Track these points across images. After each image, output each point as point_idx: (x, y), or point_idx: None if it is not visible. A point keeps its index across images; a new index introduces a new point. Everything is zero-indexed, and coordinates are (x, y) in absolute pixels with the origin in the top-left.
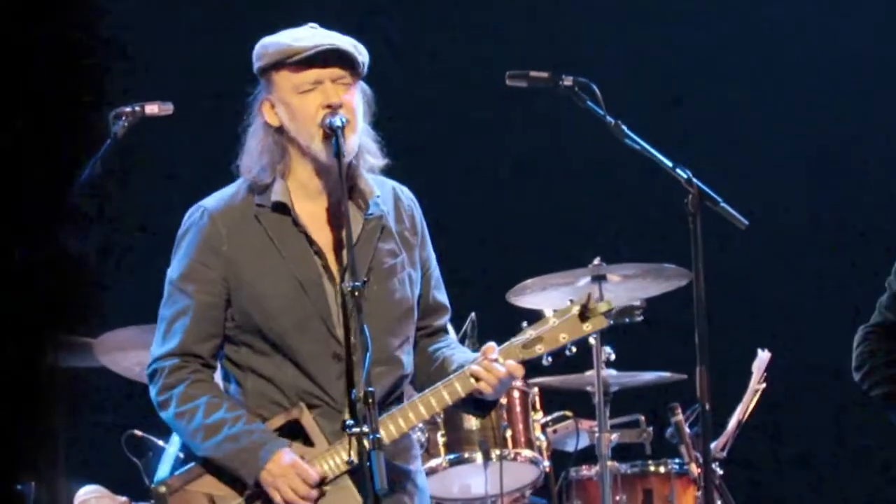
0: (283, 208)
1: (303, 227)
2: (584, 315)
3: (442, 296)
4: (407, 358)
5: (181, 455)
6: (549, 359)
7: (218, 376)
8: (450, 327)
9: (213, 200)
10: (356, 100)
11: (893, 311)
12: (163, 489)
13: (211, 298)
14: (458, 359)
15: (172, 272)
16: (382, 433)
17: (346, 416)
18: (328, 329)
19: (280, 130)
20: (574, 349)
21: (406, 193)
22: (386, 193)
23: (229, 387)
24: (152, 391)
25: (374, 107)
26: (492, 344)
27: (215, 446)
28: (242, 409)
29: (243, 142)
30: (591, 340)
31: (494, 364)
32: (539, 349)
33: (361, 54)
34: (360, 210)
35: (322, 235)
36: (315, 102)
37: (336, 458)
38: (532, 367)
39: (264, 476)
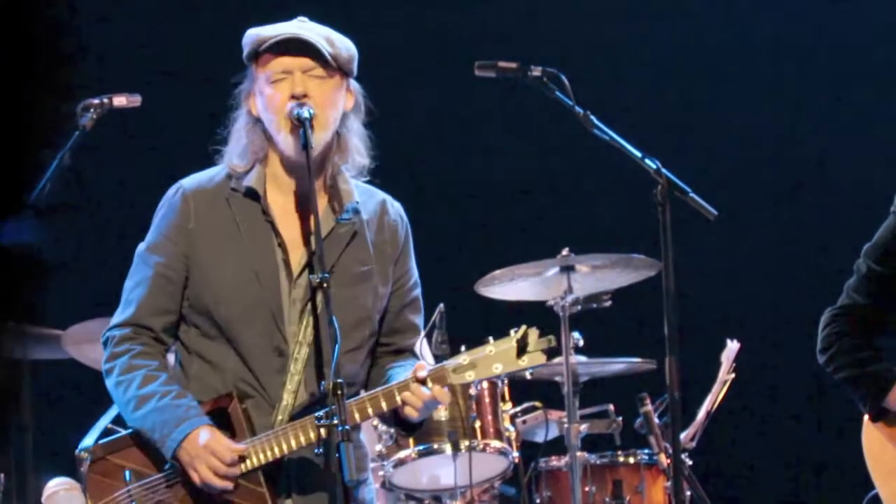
0: (253, 195)
1: (270, 216)
2: (522, 349)
3: (414, 317)
4: (352, 367)
5: (110, 427)
6: (480, 386)
7: (171, 359)
8: (423, 346)
9: (190, 180)
10: (327, 93)
11: (861, 293)
12: (84, 455)
13: (170, 273)
14: (397, 376)
15: (141, 244)
16: (303, 438)
17: (279, 414)
18: (275, 322)
19: (259, 120)
20: (530, 375)
21: (395, 208)
22: (372, 203)
23: (178, 370)
24: (103, 359)
25: (365, 106)
26: (422, 363)
27: (142, 417)
28: (178, 386)
29: (230, 131)
30: (561, 330)
31: (421, 387)
32: (469, 376)
33: (334, 47)
34: (335, 213)
35: (289, 230)
36: (283, 93)
37: (256, 455)
38: None
39: (181, 453)
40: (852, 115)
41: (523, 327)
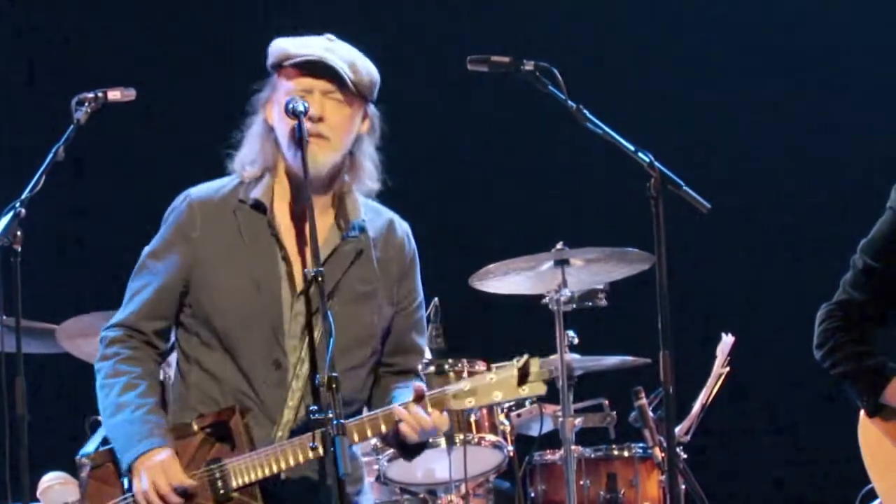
0: (260, 207)
1: (276, 229)
2: (523, 378)
3: (419, 338)
4: (353, 384)
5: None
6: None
7: (174, 365)
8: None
9: (199, 189)
10: (344, 117)
11: (857, 289)
12: (85, 461)
13: (170, 281)
14: (400, 398)
15: (147, 248)
16: (301, 456)
17: (280, 430)
18: (274, 334)
19: (273, 129)
20: (530, 403)
21: (403, 227)
22: (380, 221)
23: (177, 377)
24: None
25: (380, 130)
26: (421, 385)
27: (113, 426)
28: (154, 398)
29: (244, 135)
30: (556, 325)
31: (420, 410)
32: (469, 402)
33: (356, 74)
34: (340, 230)
35: (293, 243)
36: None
37: (255, 470)
38: (496, 354)
39: (136, 464)
40: (850, 109)
41: (525, 356)
